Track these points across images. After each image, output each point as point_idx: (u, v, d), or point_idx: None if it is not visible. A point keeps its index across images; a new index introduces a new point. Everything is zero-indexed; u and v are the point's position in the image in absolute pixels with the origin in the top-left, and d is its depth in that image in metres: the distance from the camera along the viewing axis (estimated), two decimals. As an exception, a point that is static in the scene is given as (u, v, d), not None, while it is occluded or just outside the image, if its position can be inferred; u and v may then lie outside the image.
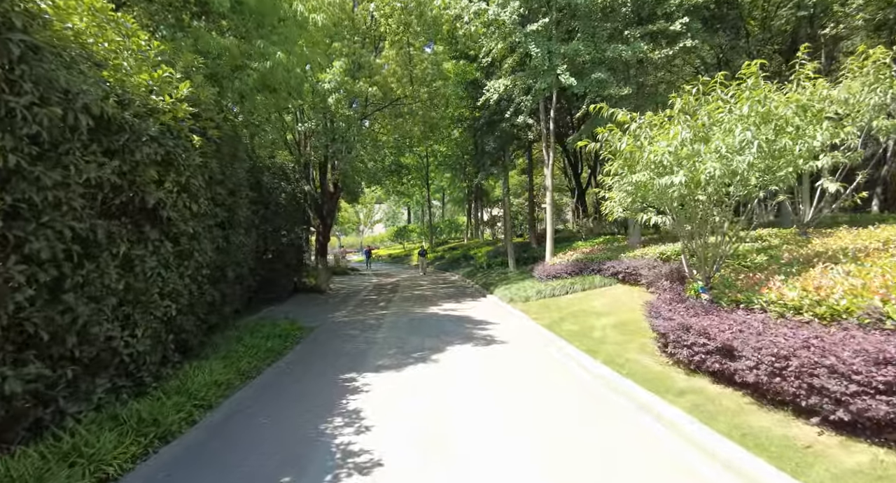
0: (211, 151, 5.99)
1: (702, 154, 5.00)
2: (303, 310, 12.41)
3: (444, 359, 7.10)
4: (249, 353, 7.15)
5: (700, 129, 5.00)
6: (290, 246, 13.85)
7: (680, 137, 5.01)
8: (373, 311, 12.00)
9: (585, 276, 11.91)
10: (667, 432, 4.28)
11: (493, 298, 13.60)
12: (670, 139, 5.18)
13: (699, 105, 5.33)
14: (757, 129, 4.73)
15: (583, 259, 12.78)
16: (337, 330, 9.73)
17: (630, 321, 8.29)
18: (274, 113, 12.98)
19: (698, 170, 4.83)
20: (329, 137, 13.32)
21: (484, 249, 23.48)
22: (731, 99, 5.23)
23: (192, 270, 5.94)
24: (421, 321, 10.37)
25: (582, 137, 12.87)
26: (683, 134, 5.00)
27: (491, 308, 12.10)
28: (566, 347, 7.52)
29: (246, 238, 9.84)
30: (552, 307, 10.77)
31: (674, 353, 5.64)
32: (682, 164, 5.02)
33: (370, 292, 16.41)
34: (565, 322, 9.25)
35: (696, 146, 5.12)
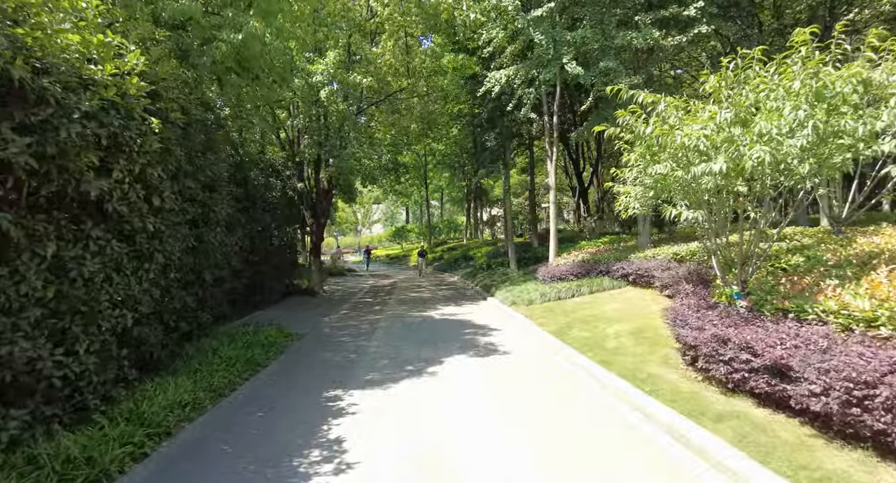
0: (175, 138, 5.21)
1: (741, 138, 4.24)
2: (293, 314, 11.62)
3: (442, 372, 6.33)
4: (226, 365, 6.37)
5: (743, 108, 4.22)
6: (280, 246, 13.07)
7: (720, 118, 4.24)
8: (367, 316, 11.22)
9: (593, 278, 11.14)
10: (708, 469, 3.51)
11: (494, 301, 12.83)
12: (705, 120, 4.41)
13: (737, 83, 4.56)
14: (810, 107, 3.97)
15: (589, 260, 12.02)
16: (326, 337, 8.95)
17: (647, 329, 7.52)
18: (264, 106, 12.21)
19: (742, 156, 4.06)
20: (322, 133, 12.54)
21: (484, 250, 22.72)
22: (774, 75, 4.47)
23: (155, 274, 5.16)
24: (417, 327, 9.59)
25: (588, 131, 12.13)
26: (724, 114, 4.23)
27: (492, 312, 11.33)
28: (577, 358, 6.75)
29: (228, 237, 9.06)
30: (558, 311, 10.00)
31: (706, 369, 4.88)
32: (722, 150, 4.25)
33: (366, 294, 15.63)
34: (574, 328, 8.48)
35: (734, 130, 4.37)
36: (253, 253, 11.79)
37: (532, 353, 7.35)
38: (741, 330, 4.46)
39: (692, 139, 4.29)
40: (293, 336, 8.88)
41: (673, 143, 4.48)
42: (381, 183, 27.69)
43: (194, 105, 6.25)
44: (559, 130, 14.06)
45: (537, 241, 19.74)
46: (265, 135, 13.49)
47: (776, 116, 4.08)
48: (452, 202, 40.34)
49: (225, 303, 9.65)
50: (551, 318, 9.57)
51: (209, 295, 8.01)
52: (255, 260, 12.00)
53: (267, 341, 7.93)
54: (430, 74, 16.37)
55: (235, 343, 7.51)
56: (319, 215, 15.42)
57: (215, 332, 8.16)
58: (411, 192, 36.60)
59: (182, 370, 5.95)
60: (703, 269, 8.15)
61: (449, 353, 7.35)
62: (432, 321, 10.18)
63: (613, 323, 8.28)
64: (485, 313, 11.08)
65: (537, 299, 11.28)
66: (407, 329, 9.41)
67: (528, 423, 4.52)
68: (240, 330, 8.59)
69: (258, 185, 11.60)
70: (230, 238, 9.03)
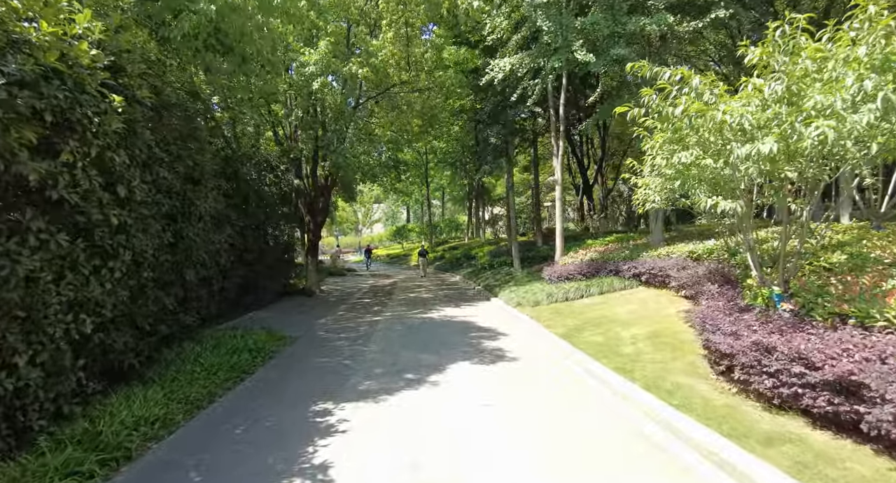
0: (144, 120, 4.60)
1: (792, 115, 3.61)
2: (287, 316, 11.02)
3: (444, 382, 5.71)
4: (207, 373, 5.77)
5: (796, 79, 3.59)
6: (275, 245, 12.46)
7: (767, 91, 3.62)
8: (365, 318, 10.61)
9: (602, 278, 10.51)
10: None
11: (498, 302, 12.21)
12: (749, 96, 3.79)
13: (785, 53, 3.94)
14: (879, 75, 3.34)
15: (598, 259, 11.39)
16: (321, 341, 8.34)
17: (665, 333, 6.90)
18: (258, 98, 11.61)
19: (796, 134, 3.44)
20: (317, 127, 11.93)
21: (486, 249, 22.09)
22: (827, 43, 3.84)
23: (122, 273, 4.55)
24: (417, 329, 8.98)
25: (598, 121, 11.49)
26: (773, 87, 3.61)
27: (496, 313, 10.71)
28: (591, 365, 6.12)
29: (215, 234, 8.46)
30: (567, 313, 9.38)
31: (745, 381, 4.25)
32: (770, 129, 3.62)
33: (364, 295, 15.03)
34: (585, 331, 7.86)
35: (781, 107, 3.75)
36: (246, 251, 11.18)
37: (542, 359, 6.73)
38: (790, 338, 3.84)
39: (735, 116, 3.66)
40: (285, 339, 8.27)
41: (710, 122, 3.86)
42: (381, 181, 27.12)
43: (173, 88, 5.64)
44: (565, 124, 13.42)
45: (541, 239, 19.12)
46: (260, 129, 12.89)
47: (836, 88, 3.45)
48: (454, 201, 39.73)
49: (214, 304, 9.07)
50: (560, 320, 8.95)
51: (193, 295, 7.42)
52: (248, 259, 11.39)
53: (256, 345, 7.32)
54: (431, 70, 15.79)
55: (221, 348, 6.91)
56: (317, 213, 14.82)
57: (201, 336, 7.56)
58: (412, 190, 36.00)
59: (156, 379, 5.35)
60: (726, 268, 7.52)
61: (452, 359, 6.73)
62: (433, 323, 9.57)
63: (628, 326, 7.66)
64: (489, 315, 10.46)
65: (544, 300, 10.66)
66: (407, 332, 8.79)
67: (542, 442, 3.90)
68: (228, 333, 7.98)
69: (251, 181, 11.00)
70: (218, 235, 8.44)
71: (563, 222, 13.17)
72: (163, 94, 5.05)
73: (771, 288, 4.61)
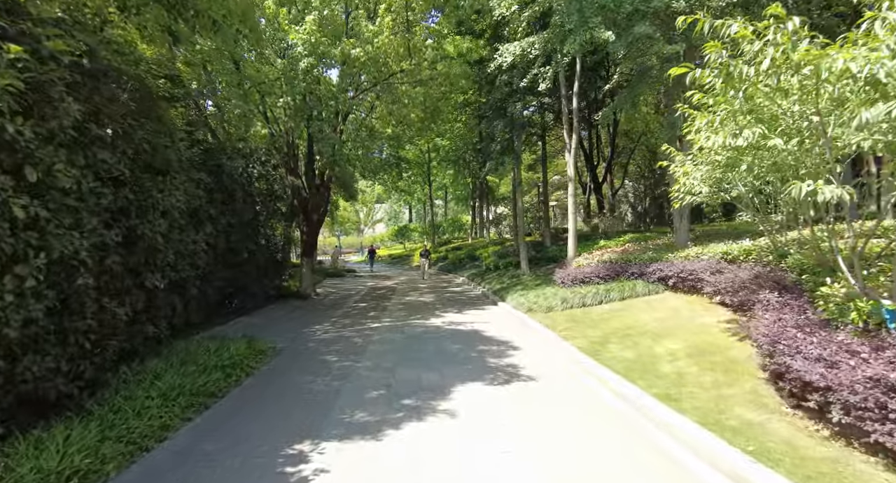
0: (64, 84, 3.54)
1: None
2: (275, 323, 9.97)
3: (449, 411, 4.64)
4: (163, 400, 4.71)
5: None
6: (266, 245, 11.41)
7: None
8: (361, 325, 9.55)
9: (624, 282, 9.42)
10: None
11: (506, 307, 11.14)
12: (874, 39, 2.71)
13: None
14: None
15: (617, 260, 10.29)
16: (309, 354, 7.27)
17: (708, 349, 5.81)
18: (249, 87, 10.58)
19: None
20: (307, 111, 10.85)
21: (491, 249, 20.99)
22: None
23: (37, 281, 3.50)
24: (418, 340, 7.90)
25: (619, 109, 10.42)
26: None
27: (505, 320, 9.63)
28: (624, 388, 5.05)
29: (191, 233, 7.42)
30: (586, 321, 8.30)
31: (852, 426, 3.17)
32: None
33: (363, 298, 13.96)
34: (611, 344, 6.78)
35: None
36: (231, 252, 10.14)
37: (563, 379, 5.65)
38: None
39: (862, 64, 2.57)
40: (268, 352, 7.21)
41: (828, 72, 2.77)
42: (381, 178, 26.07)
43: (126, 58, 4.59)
44: (579, 116, 12.34)
45: (549, 239, 18.02)
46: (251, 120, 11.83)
47: None
48: (456, 200, 38.63)
49: (192, 310, 8.04)
50: (579, 329, 7.87)
51: (160, 303, 6.37)
52: (235, 260, 10.35)
53: (231, 361, 6.26)
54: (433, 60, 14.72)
55: (189, 364, 5.86)
56: (311, 211, 13.76)
57: (171, 349, 6.51)
58: (414, 190, 34.94)
59: (97, 410, 4.30)
60: (774, 271, 6.42)
61: (457, 379, 5.66)
62: (436, 332, 8.49)
63: (660, 338, 6.57)
64: (497, 322, 9.38)
65: (558, 306, 9.58)
66: (406, 343, 7.72)
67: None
68: (204, 344, 6.91)
69: (237, 175, 9.94)
70: (194, 234, 7.39)
71: (575, 221, 12.09)
72: (97, 56, 4.00)
73: (878, 301, 3.52)
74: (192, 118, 8.85)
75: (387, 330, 8.87)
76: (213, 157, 9.03)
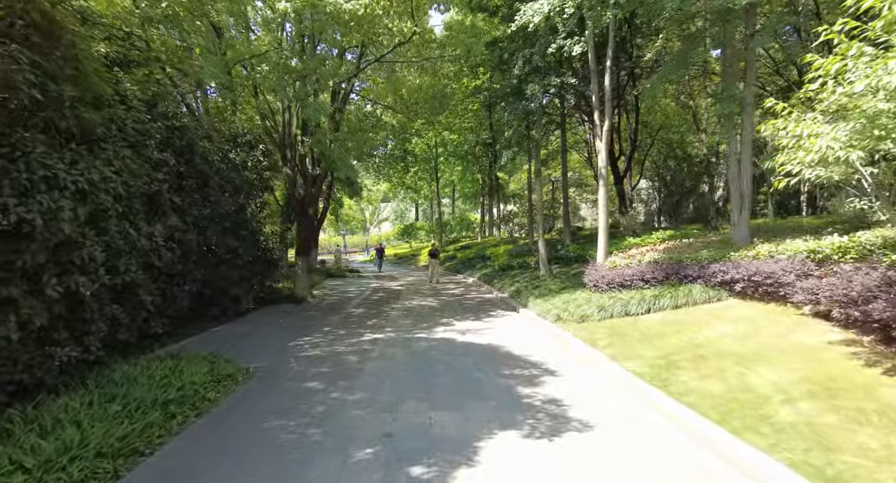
0: None
1: None
2: (259, 332, 8.36)
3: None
4: (43, 471, 3.10)
5: None
6: (251, 242, 9.81)
7: None
8: (358, 336, 7.91)
9: (676, 286, 7.71)
10: None
11: (528, 314, 9.46)
12: None
13: None
14: None
15: (664, 260, 8.55)
16: (288, 379, 5.63)
17: (837, 384, 4.10)
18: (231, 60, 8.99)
19: None
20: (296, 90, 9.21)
21: (502, 248, 19.30)
22: None
23: None
24: (426, 359, 6.24)
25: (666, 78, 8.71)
26: None
27: (531, 331, 7.95)
28: (736, 450, 3.35)
29: (146, 226, 5.85)
30: (633, 335, 6.61)
31: None
32: None
33: (364, 302, 12.33)
34: (680, 369, 5.09)
35: None
36: (208, 249, 8.56)
37: (629, 425, 3.97)
38: None
39: None
40: (237, 375, 5.59)
41: None
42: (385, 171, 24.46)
43: None
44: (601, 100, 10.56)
45: (570, 237, 16.28)
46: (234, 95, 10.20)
47: None
48: (464, 198, 36.87)
49: (153, 320, 6.45)
50: (628, 346, 6.18)
51: (89, 315, 4.77)
52: (213, 259, 8.78)
53: (180, 393, 4.65)
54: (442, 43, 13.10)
55: (117, 401, 4.26)
56: (307, 205, 12.16)
57: (107, 376, 4.91)
58: (421, 187, 33.29)
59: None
60: None
61: (483, 423, 4.01)
62: (448, 349, 6.83)
63: (751, 364, 4.86)
64: (521, 334, 7.70)
65: (594, 314, 7.90)
66: (411, 364, 6.05)
67: None
68: (154, 367, 5.31)
69: (214, 159, 8.35)
70: (143, 226, 5.80)
71: (607, 215, 10.36)
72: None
73: None
74: (159, 90, 7.27)
75: (388, 344, 7.23)
76: (182, 135, 7.44)
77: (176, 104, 7.92)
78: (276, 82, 7.94)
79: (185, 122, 7.70)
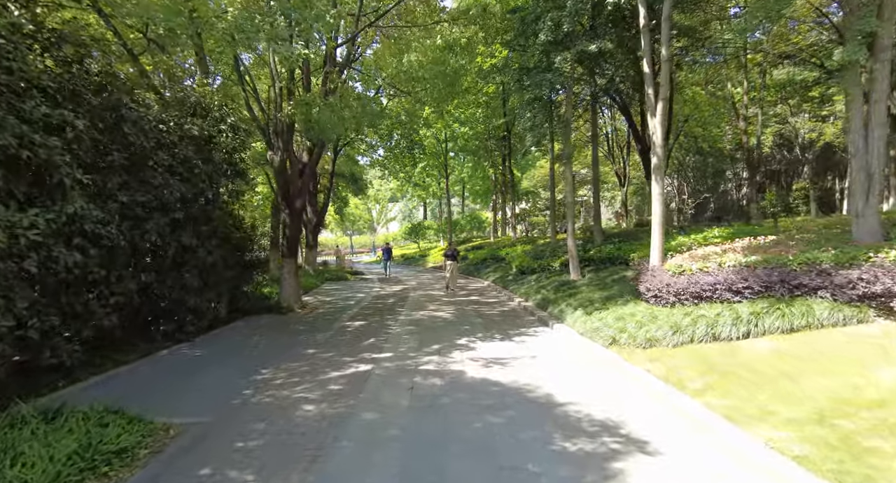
0: None
1: None
2: (213, 361, 6.25)
3: None
4: None
5: None
6: (215, 240, 7.71)
7: None
8: (344, 367, 5.77)
9: (787, 301, 5.44)
10: None
11: (566, 331, 7.26)
12: None
13: None
14: None
15: (760, 264, 6.25)
16: (218, 456, 3.49)
17: None
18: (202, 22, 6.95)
19: None
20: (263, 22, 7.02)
21: (519, 248, 17.07)
22: None
23: None
24: (440, 421, 4.05)
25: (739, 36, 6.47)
26: None
27: (580, 362, 5.73)
28: None
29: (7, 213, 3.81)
30: (741, 374, 4.39)
31: None
32: None
33: (361, 313, 10.19)
34: (878, 455, 2.86)
35: None
36: (149, 248, 6.49)
37: None
38: None
39: None
40: (135, 450, 3.46)
41: None
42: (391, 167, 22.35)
43: None
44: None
45: (601, 236, 14.01)
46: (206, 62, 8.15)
47: None
48: (474, 196, 34.64)
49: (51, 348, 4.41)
50: (743, 394, 3.96)
51: None
52: (159, 261, 6.70)
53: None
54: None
55: None
56: (294, 196, 10.06)
57: None
58: (429, 184, 31.16)
59: None
60: None
61: None
62: (472, 395, 4.63)
63: None
64: (568, 366, 5.50)
65: (665, 337, 5.69)
66: (416, 428, 3.87)
67: None
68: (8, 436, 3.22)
69: (154, 129, 6.25)
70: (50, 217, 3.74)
71: (663, 206, 8.11)
72: None
73: None
74: (67, 31, 5.20)
75: (383, 381, 5.07)
76: (100, 89, 5.35)
77: (108, 62, 5.83)
78: (245, 21, 5.81)
79: (109, 72, 5.60)
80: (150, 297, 6.67)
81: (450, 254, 13.71)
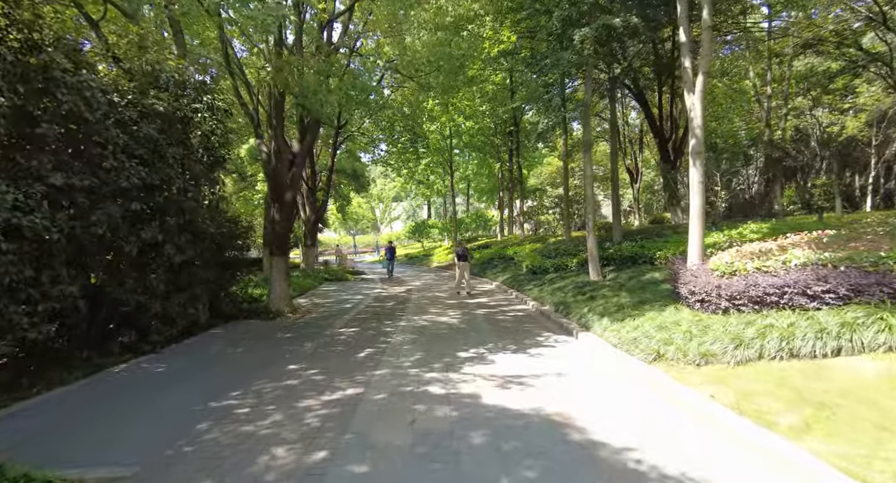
0: None
1: None
2: (176, 379, 5.16)
3: None
4: None
5: None
6: (187, 235, 6.63)
7: None
8: (334, 389, 4.67)
9: (891, 309, 4.28)
10: None
11: (594, 342, 6.11)
12: None
13: None
14: None
15: (853, 262, 5.06)
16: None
17: None
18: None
19: None
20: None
21: (528, 247, 15.91)
22: None
23: None
24: (447, 463, 2.94)
25: None
26: None
27: (616, 382, 4.59)
28: None
29: None
30: (846, 406, 3.23)
31: None
32: None
33: (357, 317, 9.08)
34: None
35: None
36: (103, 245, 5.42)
37: None
38: None
39: None
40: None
41: None
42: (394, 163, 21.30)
43: None
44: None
45: (620, 234, 12.82)
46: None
47: None
48: (479, 194, 33.44)
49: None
50: (865, 440, 2.79)
51: None
52: (118, 259, 5.63)
53: None
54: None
55: None
56: (283, 190, 8.99)
57: None
58: (434, 182, 30.07)
59: None
60: None
61: None
62: (489, 433, 3.51)
63: None
64: (603, 391, 4.37)
65: (725, 352, 4.56)
66: (418, 481, 2.77)
67: None
68: None
69: (101, 104, 5.16)
70: None
71: (703, 198, 6.95)
72: None
73: None
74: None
75: (378, 410, 3.95)
76: (24, 49, 4.27)
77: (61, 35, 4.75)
78: None
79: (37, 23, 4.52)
80: (105, 303, 5.59)
81: (460, 253, 12.14)
